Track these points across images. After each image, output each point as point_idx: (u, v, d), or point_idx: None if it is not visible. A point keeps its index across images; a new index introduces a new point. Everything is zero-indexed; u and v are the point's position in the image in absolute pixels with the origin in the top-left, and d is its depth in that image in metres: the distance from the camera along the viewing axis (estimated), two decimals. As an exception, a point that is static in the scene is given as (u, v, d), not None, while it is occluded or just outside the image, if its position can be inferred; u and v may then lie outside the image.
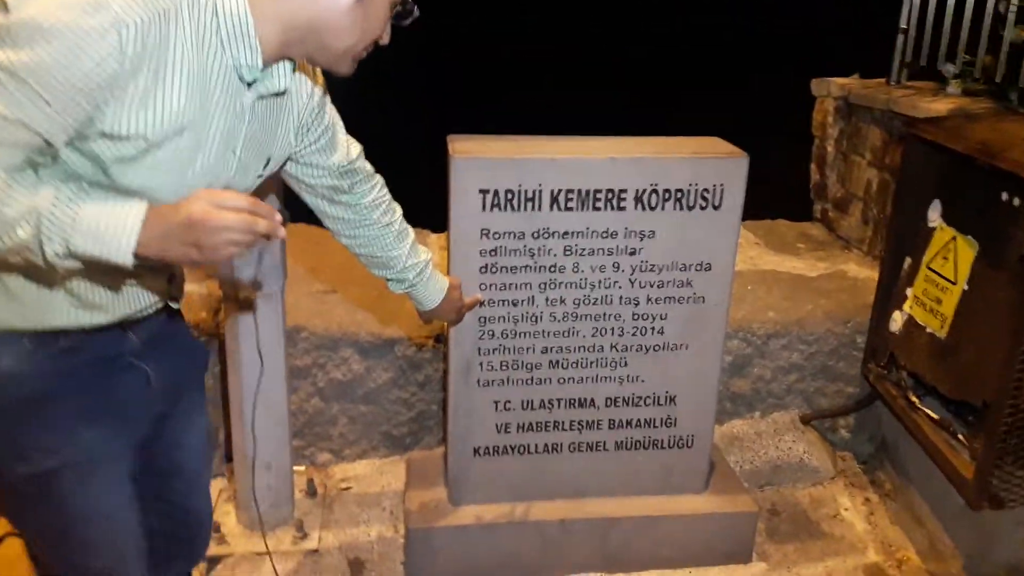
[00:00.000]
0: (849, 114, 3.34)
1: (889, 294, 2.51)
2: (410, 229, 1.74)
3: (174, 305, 1.40)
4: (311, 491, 2.43)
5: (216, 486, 2.50)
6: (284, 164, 1.46)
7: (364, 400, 2.61)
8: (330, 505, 2.41)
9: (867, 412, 2.76)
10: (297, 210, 3.36)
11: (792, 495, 2.58)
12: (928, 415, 2.30)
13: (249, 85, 1.17)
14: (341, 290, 2.76)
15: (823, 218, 3.59)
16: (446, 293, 1.81)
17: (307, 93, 1.36)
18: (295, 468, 2.52)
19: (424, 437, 2.69)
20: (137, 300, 1.28)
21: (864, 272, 3.05)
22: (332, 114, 1.48)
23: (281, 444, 2.20)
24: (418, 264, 1.73)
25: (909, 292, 2.41)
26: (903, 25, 3.10)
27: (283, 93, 1.24)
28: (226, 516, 2.30)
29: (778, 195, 3.96)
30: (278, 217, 1.03)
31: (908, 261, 2.44)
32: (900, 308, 2.44)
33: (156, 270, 1.28)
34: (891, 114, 3.00)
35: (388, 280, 1.75)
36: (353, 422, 2.63)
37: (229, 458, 2.43)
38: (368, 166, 1.61)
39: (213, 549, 2.18)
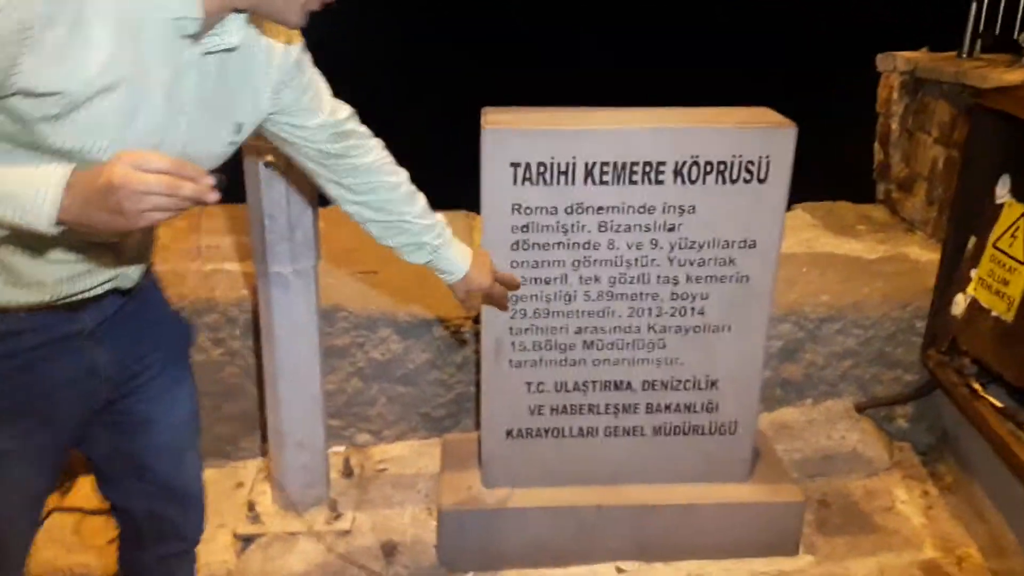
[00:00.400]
0: (916, 89, 3.17)
1: (951, 276, 2.37)
2: (420, 194, 1.67)
3: (125, 284, 1.30)
4: (347, 471, 2.42)
5: (254, 465, 2.51)
6: (268, 128, 1.39)
7: (403, 381, 2.58)
8: (365, 486, 2.40)
9: (927, 401, 2.61)
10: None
11: (844, 486, 2.46)
12: (992, 404, 2.16)
13: (195, 39, 1.10)
14: (382, 271, 2.74)
15: (886, 200, 3.42)
16: (473, 259, 1.75)
17: (282, 51, 1.28)
18: (335, 449, 2.52)
19: (463, 419, 2.65)
20: (81, 277, 1.21)
21: (927, 255, 2.89)
22: (313, 73, 1.40)
23: (315, 423, 2.19)
24: (435, 225, 1.67)
25: (973, 273, 2.26)
26: (975, -8, 2.92)
27: (234, 49, 1.16)
28: (262, 496, 2.31)
29: (841, 176, 3.79)
30: (208, 180, 0.95)
31: (973, 240, 2.29)
32: (963, 290, 2.29)
33: (101, 244, 1.20)
34: (960, 87, 2.82)
35: (406, 249, 1.68)
36: (392, 403, 2.61)
37: (266, 438, 2.43)
38: (363, 128, 1.54)
39: (247, 528, 2.19)
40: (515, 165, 1.87)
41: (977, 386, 2.21)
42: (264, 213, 1.94)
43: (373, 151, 1.56)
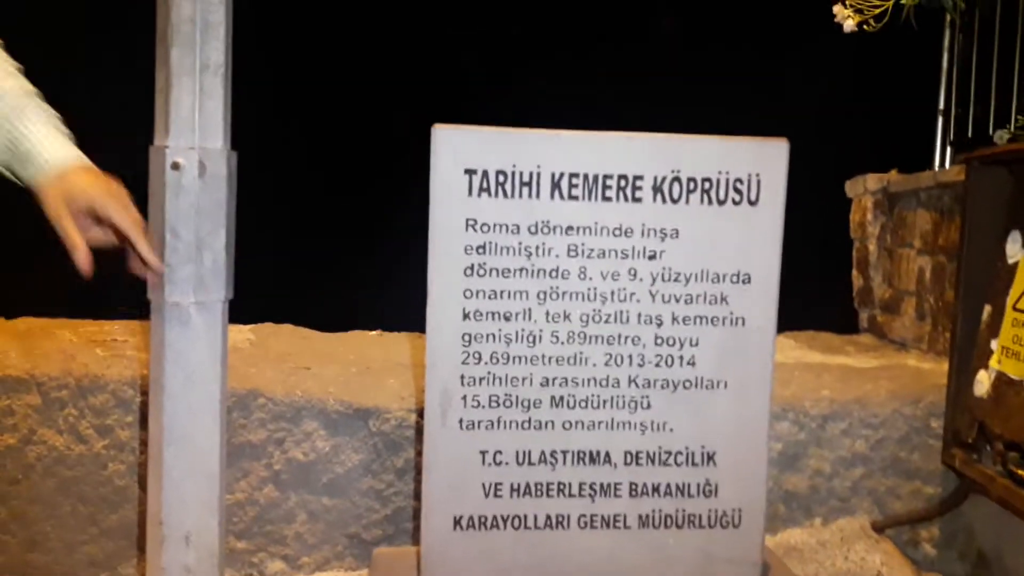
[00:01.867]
0: (891, 206, 3.05)
1: (968, 357, 2.07)
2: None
3: None
4: (248, 592, 1.90)
5: (131, 588, 1.98)
6: None
7: (328, 491, 2.12)
8: (271, 611, 1.87)
9: (955, 521, 2.21)
10: (282, 311, 3.03)
11: (872, 619, 1.99)
12: (1045, 488, 1.78)
13: None
14: (317, 367, 2.36)
15: (871, 326, 3.19)
16: (79, 159, 1.30)
17: None
18: (237, 577, 2.01)
19: (402, 543, 2.16)
20: None
21: (927, 364, 2.61)
22: None
23: (209, 513, 1.71)
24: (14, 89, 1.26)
25: (994, 345, 1.97)
26: (941, 107, 2.89)
27: None
28: (133, 618, 1.77)
29: (816, 315, 3.58)
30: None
31: (988, 310, 2.03)
32: (985, 367, 1.99)
33: None
34: (940, 189, 2.70)
35: None
36: (314, 519, 2.13)
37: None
38: None
39: (104, 654, 1.64)
40: (470, 172, 1.60)
41: (1022, 472, 1.84)
42: (166, 226, 1.61)
43: None
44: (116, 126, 2.38)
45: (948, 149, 2.86)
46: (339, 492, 2.12)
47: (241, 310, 2.75)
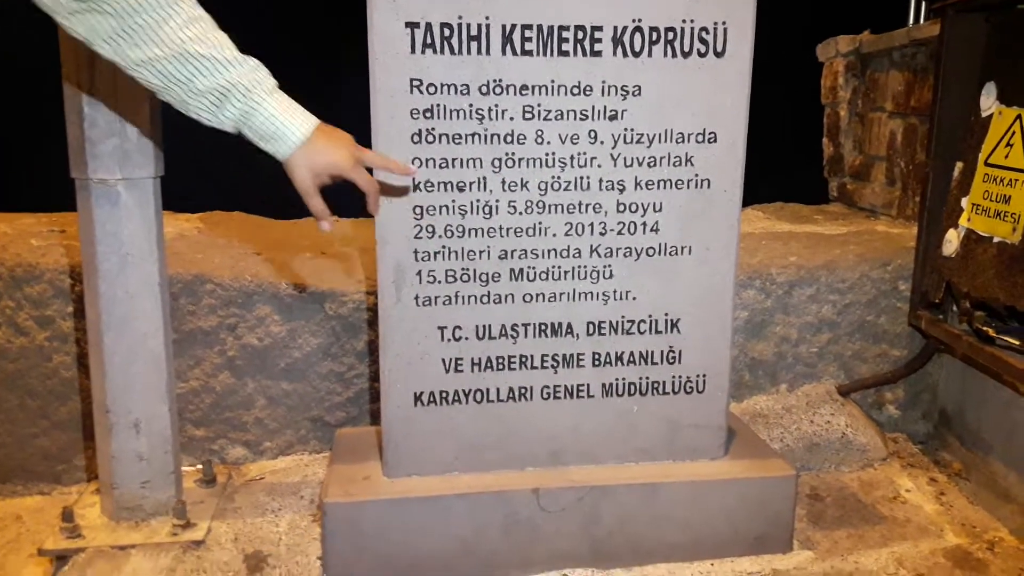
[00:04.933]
0: (863, 69, 2.94)
1: (938, 217, 2.02)
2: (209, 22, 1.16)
3: None
4: (207, 477, 1.86)
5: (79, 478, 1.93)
6: None
7: (287, 375, 2.06)
8: (231, 495, 1.84)
9: (919, 382, 2.21)
10: (238, 198, 2.88)
11: (836, 479, 2.01)
12: (1011, 344, 1.76)
13: None
14: (268, 253, 2.26)
15: (841, 195, 3.13)
16: (318, 126, 1.23)
17: None
18: (196, 465, 1.96)
19: (368, 425, 2.13)
20: None
21: (896, 229, 2.57)
22: None
23: (157, 396, 1.65)
24: (242, 61, 1.16)
25: (964, 203, 1.92)
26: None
27: None
28: (89, 508, 1.73)
29: (784, 186, 3.51)
30: None
31: (959, 167, 1.96)
32: (955, 226, 1.94)
33: None
34: (914, 47, 2.59)
35: (198, 102, 1.15)
36: (274, 404, 2.08)
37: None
38: None
39: (60, 543, 1.60)
40: (412, 26, 1.47)
41: (988, 329, 1.82)
42: (83, 99, 1.48)
43: None
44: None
45: (923, 6, 2.73)
46: (298, 376, 2.07)
47: (190, 199, 2.62)
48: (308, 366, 2.07)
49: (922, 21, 2.77)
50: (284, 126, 1.19)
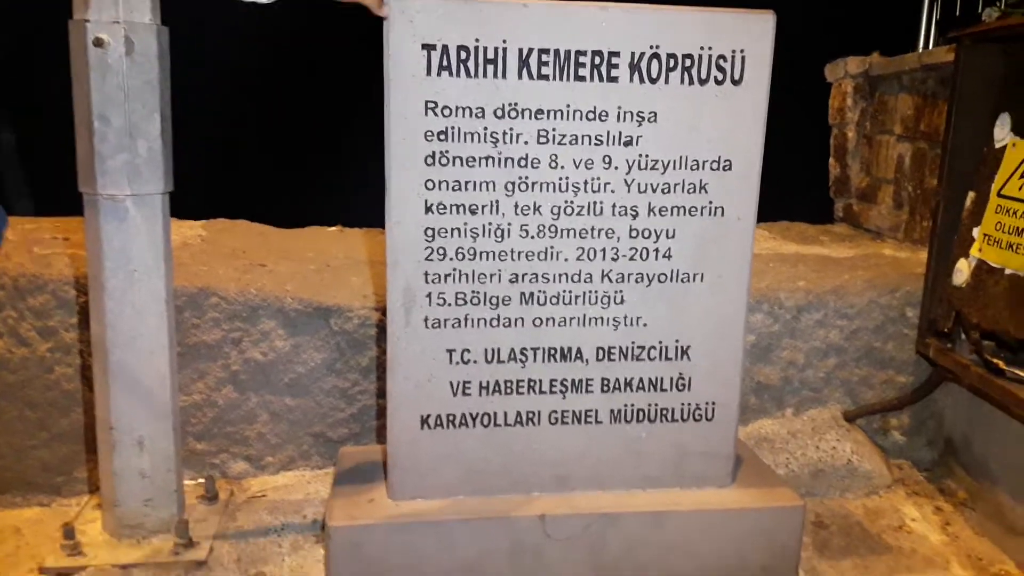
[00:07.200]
0: (872, 91, 2.93)
1: (948, 245, 2.01)
2: None
3: None
4: (210, 494, 1.84)
5: (91, 503, 1.91)
6: None
7: (290, 390, 2.05)
8: (233, 513, 1.82)
9: (925, 410, 2.21)
10: (240, 207, 2.87)
11: (841, 506, 2.00)
12: (1021, 377, 1.76)
13: None
14: (273, 264, 2.24)
15: (846, 215, 3.13)
16: None
17: None
18: (197, 480, 1.95)
19: (368, 441, 2.11)
20: None
21: (904, 253, 2.56)
22: None
23: (160, 414, 1.63)
24: None
25: (976, 233, 1.91)
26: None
27: None
28: (90, 524, 1.71)
29: (789, 205, 3.51)
30: None
31: (971, 197, 1.96)
32: (966, 255, 1.93)
33: None
34: (925, 72, 2.58)
35: None
36: (277, 419, 2.06)
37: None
38: None
39: (62, 561, 1.58)
40: (428, 48, 1.46)
41: (997, 361, 1.81)
42: (93, 112, 1.47)
43: None
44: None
45: (933, 30, 2.73)
46: (302, 391, 2.05)
47: (193, 206, 2.60)
48: (312, 381, 2.05)
49: (931, 46, 2.76)
50: None
